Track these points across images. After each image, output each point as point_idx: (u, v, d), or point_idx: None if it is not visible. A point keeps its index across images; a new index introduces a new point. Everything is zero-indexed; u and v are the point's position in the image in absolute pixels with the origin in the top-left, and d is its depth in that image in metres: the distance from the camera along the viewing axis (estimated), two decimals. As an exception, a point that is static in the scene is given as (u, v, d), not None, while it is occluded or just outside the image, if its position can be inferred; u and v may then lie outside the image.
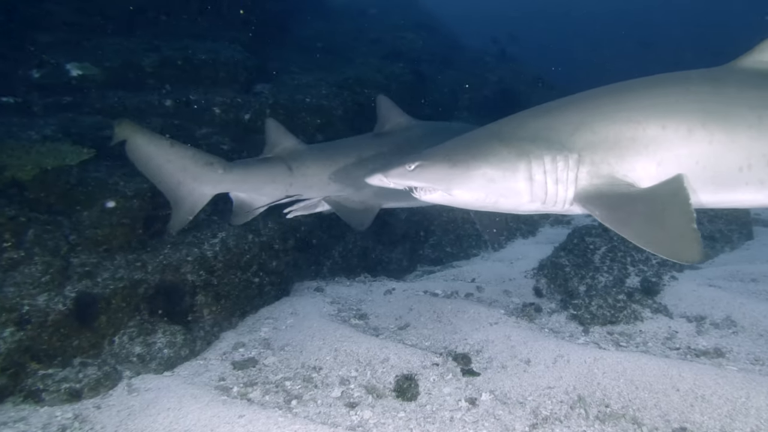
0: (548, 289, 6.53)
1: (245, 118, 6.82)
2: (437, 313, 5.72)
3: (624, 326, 5.36)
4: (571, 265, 6.61)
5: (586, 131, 3.32)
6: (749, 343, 4.84)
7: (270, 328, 5.50)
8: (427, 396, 4.15)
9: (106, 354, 4.49)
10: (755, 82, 3.28)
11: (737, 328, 5.14)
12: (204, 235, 5.41)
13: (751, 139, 3.11)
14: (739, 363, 4.49)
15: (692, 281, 6.28)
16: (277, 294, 6.12)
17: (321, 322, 5.39)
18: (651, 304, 5.60)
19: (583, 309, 5.59)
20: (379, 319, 5.83)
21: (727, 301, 5.56)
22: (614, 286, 6.10)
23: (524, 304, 6.09)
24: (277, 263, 6.00)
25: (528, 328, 5.31)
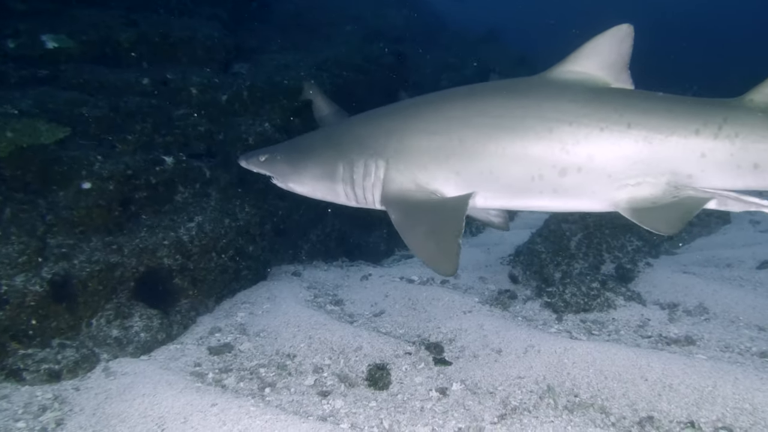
0: (524, 275, 6.63)
1: (222, 99, 6.77)
2: (412, 300, 5.79)
3: (597, 314, 5.48)
4: (547, 251, 6.70)
5: (395, 140, 3.57)
6: (720, 330, 4.97)
7: (246, 313, 5.54)
8: (399, 385, 4.22)
9: (83, 336, 4.51)
10: (556, 92, 3.37)
11: (709, 315, 5.28)
12: (180, 218, 5.40)
13: (540, 151, 3.25)
14: (709, 351, 4.62)
15: (667, 268, 6.41)
16: (254, 278, 6.16)
17: (297, 308, 5.44)
18: (624, 291, 5.71)
19: (557, 297, 5.69)
20: (355, 305, 5.90)
21: (701, 287, 5.69)
22: (589, 273, 6.20)
23: (499, 291, 6.17)
24: (254, 248, 6.03)
25: (501, 317, 5.40)
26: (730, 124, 3.11)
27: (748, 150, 3.09)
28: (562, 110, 3.26)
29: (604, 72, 3.40)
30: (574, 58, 3.41)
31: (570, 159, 3.21)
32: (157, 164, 5.44)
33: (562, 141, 3.22)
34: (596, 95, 3.33)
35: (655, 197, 3.23)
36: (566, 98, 3.30)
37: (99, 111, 5.68)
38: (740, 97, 3.19)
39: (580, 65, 3.40)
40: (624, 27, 3.29)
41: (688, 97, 3.36)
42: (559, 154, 3.22)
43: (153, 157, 5.47)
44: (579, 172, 3.23)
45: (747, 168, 3.12)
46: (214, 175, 5.95)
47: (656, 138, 3.15)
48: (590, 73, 3.40)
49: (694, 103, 3.26)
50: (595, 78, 3.41)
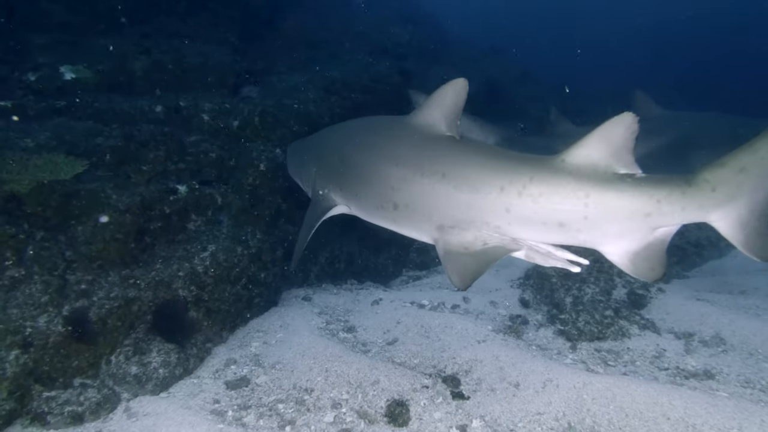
0: (534, 300, 6.64)
1: (234, 125, 6.79)
2: (425, 327, 5.79)
3: (612, 343, 5.48)
4: (557, 275, 6.71)
5: (322, 154, 4.61)
6: (739, 363, 4.95)
7: (260, 342, 5.54)
8: (419, 422, 4.22)
9: (103, 374, 4.50)
10: (403, 136, 3.80)
11: (726, 347, 5.25)
12: (194, 248, 5.41)
13: (379, 185, 3.79)
14: (729, 386, 4.61)
15: (679, 294, 6.40)
16: (266, 305, 6.16)
17: (311, 338, 5.43)
18: (638, 320, 5.71)
19: (570, 324, 5.71)
20: (367, 332, 5.89)
21: (716, 317, 5.67)
22: (601, 299, 6.22)
23: (511, 317, 6.19)
24: (265, 275, 6.03)
25: (516, 346, 5.40)
26: (535, 184, 3.21)
27: (552, 210, 3.19)
28: (398, 153, 3.72)
29: (442, 120, 3.72)
30: (424, 106, 3.80)
31: (398, 196, 3.66)
32: (171, 193, 5.45)
33: (392, 180, 3.68)
34: (427, 143, 3.68)
35: (466, 243, 3.44)
36: (405, 143, 3.75)
37: (114, 141, 5.69)
38: (554, 156, 3.28)
39: (427, 114, 3.76)
40: (460, 81, 3.67)
41: (506, 151, 3.56)
42: (390, 191, 3.69)
43: (167, 187, 5.48)
44: (406, 208, 3.64)
45: (552, 225, 3.23)
46: (226, 202, 5.96)
47: (465, 189, 3.39)
48: (432, 121, 3.74)
49: (508, 159, 3.42)
50: (436, 126, 3.74)
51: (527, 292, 6.80)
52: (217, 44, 8.39)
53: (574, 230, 3.21)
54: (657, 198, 3.04)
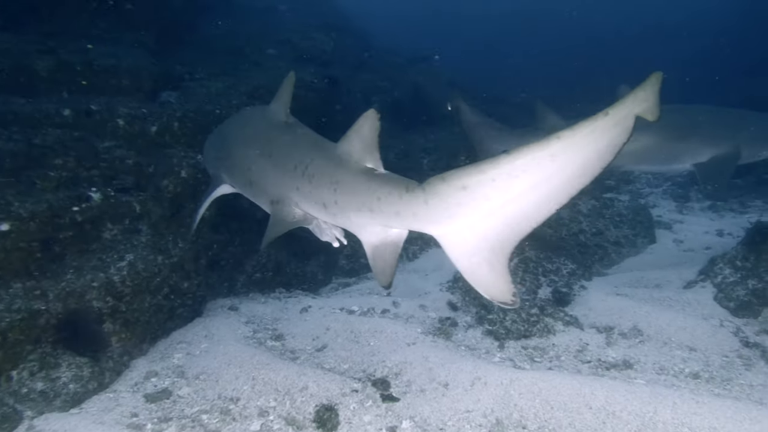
0: (463, 301, 6.69)
1: (152, 130, 6.54)
2: (354, 333, 5.74)
3: (538, 340, 5.59)
4: (485, 277, 6.78)
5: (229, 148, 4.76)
6: (655, 353, 5.18)
7: (183, 353, 5.33)
8: (348, 425, 4.17)
9: (3, 392, 4.21)
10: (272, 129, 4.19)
11: (644, 338, 5.47)
12: (110, 257, 5.16)
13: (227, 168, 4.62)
14: (646, 374, 4.80)
15: (601, 290, 6.61)
16: (189, 315, 5.94)
17: (237, 346, 5.29)
18: (563, 317, 5.85)
19: (498, 324, 5.77)
20: (296, 339, 5.78)
21: (634, 310, 5.89)
22: (528, 299, 6.32)
23: (440, 319, 6.21)
24: (189, 284, 5.83)
25: (445, 347, 5.42)
26: (312, 167, 3.54)
27: (319, 192, 3.45)
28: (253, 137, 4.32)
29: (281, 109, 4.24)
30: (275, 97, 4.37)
31: (251, 174, 4.20)
32: (83, 201, 5.18)
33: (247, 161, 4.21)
34: (274, 129, 4.15)
35: (283, 214, 3.85)
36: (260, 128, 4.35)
37: (14, 144, 5.38)
38: (334, 145, 3.57)
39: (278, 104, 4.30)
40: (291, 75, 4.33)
41: (316, 137, 3.96)
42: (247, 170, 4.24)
43: (78, 194, 5.20)
44: (256, 184, 4.18)
45: (320, 206, 3.49)
46: (145, 210, 5.73)
47: (277, 168, 3.87)
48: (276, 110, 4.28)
49: (309, 142, 3.84)
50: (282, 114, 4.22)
51: (456, 295, 6.85)
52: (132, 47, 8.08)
53: (332, 213, 3.43)
54: (378, 195, 3.07)
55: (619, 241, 8.38)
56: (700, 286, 6.55)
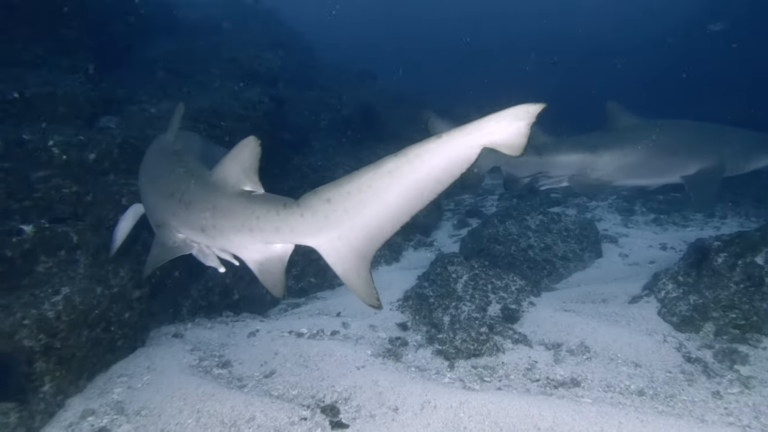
0: (413, 321, 6.67)
1: (90, 158, 6.33)
2: (303, 357, 5.65)
3: (487, 359, 5.59)
4: (435, 295, 6.80)
5: None
6: (602, 369, 5.23)
7: (124, 387, 5.14)
8: (296, 457, 4.08)
9: None
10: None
11: (591, 354, 5.53)
12: (44, 292, 4.95)
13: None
14: (593, 391, 4.84)
15: (549, 306, 6.67)
16: (131, 346, 5.75)
17: (181, 377, 5.13)
18: (512, 334, 5.87)
19: (448, 343, 5.76)
20: (244, 366, 5.65)
21: (581, 326, 5.96)
22: (477, 316, 6.33)
23: (391, 339, 6.17)
24: (130, 314, 5.64)
25: (395, 370, 5.38)
26: (188, 194, 3.69)
27: (196, 217, 3.59)
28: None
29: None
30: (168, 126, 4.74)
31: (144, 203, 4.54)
32: (14, 235, 4.97)
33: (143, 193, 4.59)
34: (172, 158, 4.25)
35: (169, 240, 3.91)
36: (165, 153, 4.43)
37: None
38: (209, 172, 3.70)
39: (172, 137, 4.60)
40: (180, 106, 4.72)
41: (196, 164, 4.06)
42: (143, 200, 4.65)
43: (9, 228, 4.99)
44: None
45: (198, 230, 3.60)
46: (83, 240, 5.54)
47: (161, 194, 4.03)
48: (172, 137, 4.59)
49: (187, 170, 3.93)
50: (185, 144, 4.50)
51: (406, 314, 6.83)
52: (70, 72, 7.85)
53: (212, 236, 3.52)
54: (257, 215, 3.22)
55: (567, 255, 8.50)
56: (644, 301, 6.67)
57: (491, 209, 12.25)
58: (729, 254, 6.22)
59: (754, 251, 6.10)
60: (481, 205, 12.78)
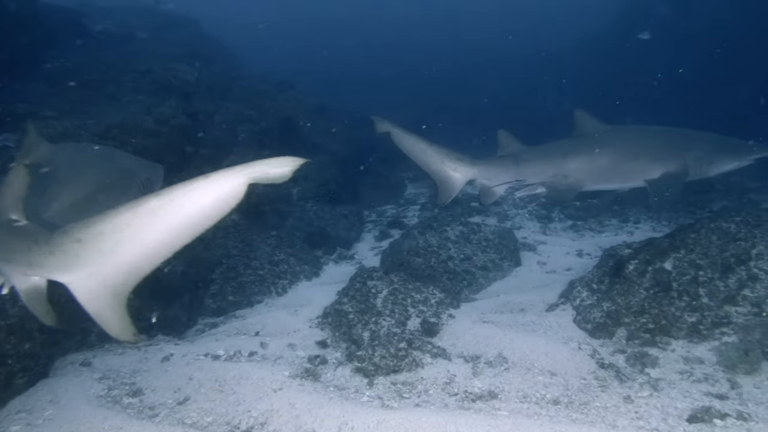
0: (333, 338, 6.60)
1: (-18, 179, 5.95)
2: (219, 381, 5.48)
3: (407, 374, 5.58)
4: (354, 311, 6.75)
5: None
6: (519, 380, 5.31)
7: (22, 425, 4.82)
8: (207, 489, 3.92)
9: None
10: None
11: (508, 365, 5.60)
12: (-69, 324, 4.60)
13: None
14: (510, 403, 4.91)
15: (468, 318, 6.74)
16: (32, 379, 5.42)
17: (87, 409, 4.88)
18: (431, 348, 5.88)
19: (367, 360, 5.72)
20: (156, 393, 5.43)
21: (499, 337, 6.04)
22: (396, 331, 6.32)
23: (310, 358, 6.08)
24: (31, 345, 5.33)
25: (313, 390, 5.29)
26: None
27: None
28: None
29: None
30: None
31: None
32: None
33: None
34: None
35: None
36: None
37: None
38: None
39: None
40: None
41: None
42: None
43: None
44: None
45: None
46: (-24, 266, 5.16)
47: None
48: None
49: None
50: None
51: (326, 331, 6.76)
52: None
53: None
54: (11, 248, 3.28)
55: (487, 265, 8.63)
56: (561, 309, 6.85)
57: (413, 220, 12.33)
58: (639, 261, 6.47)
59: (663, 257, 6.37)
60: (402, 216, 12.84)
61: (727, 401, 4.73)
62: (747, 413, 4.45)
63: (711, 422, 4.37)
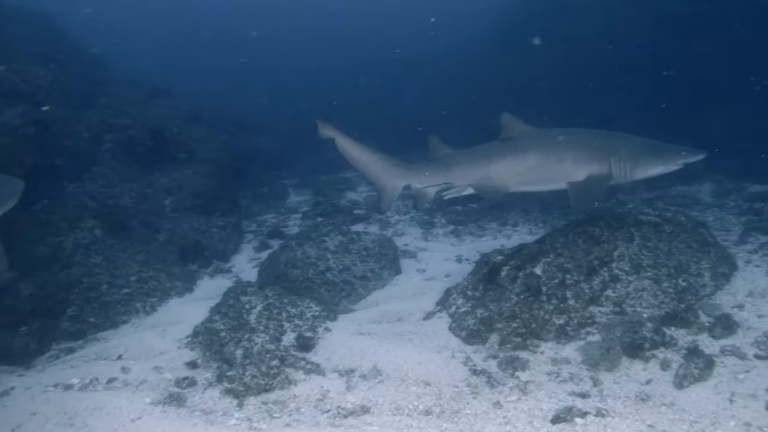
0: (204, 357, 6.35)
1: None
2: (69, 414, 5.08)
3: (279, 393, 5.43)
4: (226, 328, 6.52)
5: None
6: (392, 392, 5.29)
7: None
8: None
9: None
10: None
11: (383, 377, 5.57)
12: None
13: None
14: (382, 416, 4.88)
15: (345, 330, 6.67)
16: None
17: None
18: (305, 365, 5.77)
19: (237, 381, 5.53)
20: (-12, 435, 4.95)
21: (375, 349, 6.01)
22: (271, 347, 6.16)
23: (177, 381, 5.80)
24: None
25: (176, 417, 5.04)
26: None
27: None
28: None
29: None
30: None
31: None
32: None
33: None
34: None
35: None
36: None
37: None
38: None
39: None
40: None
41: None
42: None
43: None
44: None
45: None
46: None
47: None
48: None
49: None
50: None
51: (197, 350, 6.51)
52: None
53: None
54: None
55: (366, 275, 8.60)
56: (437, 317, 6.93)
57: (294, 229, 12.13)
58: (511, 267, 6.65)
59: (533, 262, 6.59)
60: (283, 225, 12.62)
61: (588, 399, 4.94)
62: (605, 410, 4.69)
63: (572, 421, 4.54)
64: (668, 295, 6.07)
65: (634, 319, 5.80)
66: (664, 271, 6.27)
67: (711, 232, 7.45)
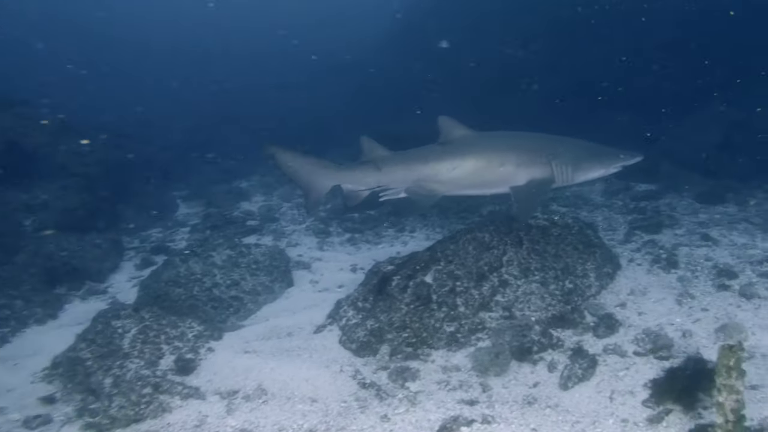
0: (64, 390, 5.88)
1: None
2: None
3: (151, 422, 5.12)
4: (94, 357, 6.03)
5: None
6: (277, 412, 5.08)
7: None
8: None
9: None
10: None
11: (267, 396, 5.34)
12: None
13: None
14: (264, 440, 4.59)
15: (229, 349, 6.35)
16: None
17: None
18: (181, 390, 5.44)
19: (102, 414, 5.15)
20: None
21: (260, 368, 5.77)
22: (146, 372, 5.76)
23: (26, 420, 5.31)
24: None
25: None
26: None
27: None
28: None
29: None
30: None
31: None
32: None
33: None
34: None
35: None
36: None
37: None
38: None
39: None
40: None
41: None
42: None
43: None
44: None
45: None
46: None
47: None
48: None
49: None
50: None
51: (55, 383, 6.01)
52: None
53: None
54: None
55: (256, 289, 8.30)
56: (328, 330, 6.75)
57: (181, 243, 11.61)
58: (401, 277, 6.56)
59: (424, 271, 6.52)
60: (170, 240, 12.05)
61: (476, 406, 4.90)
62: (491, 416, 4.67)
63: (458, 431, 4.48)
64: (555, 298, 6.16)
65: (522, 323, 5.83)
66: (551, 273, 6.36)
67: (597, 233, 7.65)
